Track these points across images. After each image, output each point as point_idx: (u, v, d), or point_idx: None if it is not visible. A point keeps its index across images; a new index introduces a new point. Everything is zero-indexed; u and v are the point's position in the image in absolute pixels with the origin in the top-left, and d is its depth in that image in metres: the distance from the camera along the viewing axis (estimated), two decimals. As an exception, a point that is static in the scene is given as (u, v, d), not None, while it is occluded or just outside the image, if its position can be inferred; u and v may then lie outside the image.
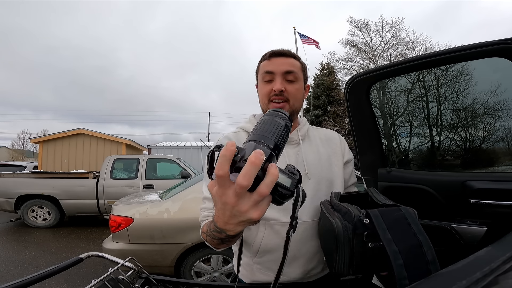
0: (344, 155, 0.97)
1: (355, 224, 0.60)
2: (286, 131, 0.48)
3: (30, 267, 3.53)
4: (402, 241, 0.56)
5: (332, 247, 0.62)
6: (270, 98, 0.85)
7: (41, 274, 0.73)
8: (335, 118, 15.85)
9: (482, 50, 0.80)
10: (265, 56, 0.89)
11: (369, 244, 0.59)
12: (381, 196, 0.79)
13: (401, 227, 0.58)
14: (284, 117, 0.50)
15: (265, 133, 0.45)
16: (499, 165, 1.05)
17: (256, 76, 0.95)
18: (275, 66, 0.86)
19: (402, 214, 0.61)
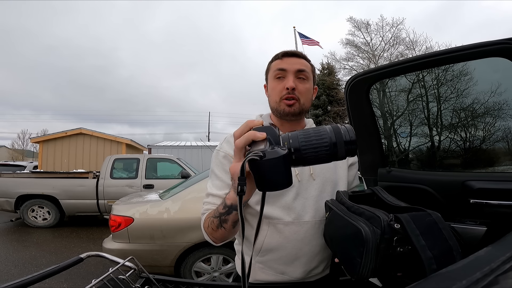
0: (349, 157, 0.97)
1: (384, 229, 0.59)
2: (326, 150, 0.45)
3: (30, 267, 3.53)
4: (435, 247, 0.56)
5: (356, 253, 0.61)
6: (282, 96, 0.86)
7: (41, 274, 0.73)
8: (335, 118, 15.86)
9: (482, 50, 0.80)
10: (278, 56, 0.90)
11: (398, 248, 0.59)
12: (390, 196, 0.79)
13: (433, 232, 0.59)
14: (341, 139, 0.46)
15: (301, 135, 0.47)
16: (499, 165, 1.05)
17: (265, 76, 0.96)
18: (288, 64, 0.87)
19: (433, 220, 0.61)
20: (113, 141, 10.53)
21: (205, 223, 0.79)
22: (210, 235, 0.77)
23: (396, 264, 0.61)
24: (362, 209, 0.67)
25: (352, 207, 0.71)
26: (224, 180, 0.86)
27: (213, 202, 0.85)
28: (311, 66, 0.91)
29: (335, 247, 0.75)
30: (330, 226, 0.77)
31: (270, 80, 0.91)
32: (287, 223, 0.84)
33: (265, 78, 0.96)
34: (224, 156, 0.88)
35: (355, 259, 0.61)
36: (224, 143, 0.90)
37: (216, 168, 0.88)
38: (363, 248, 0.59)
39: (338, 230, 0.71)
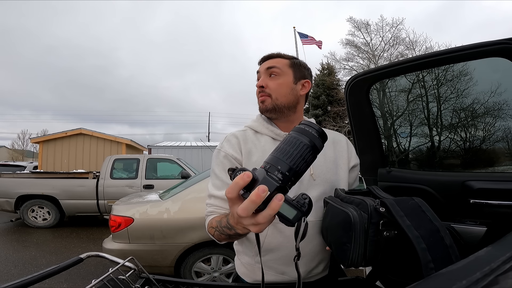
0: (350, 159, 0.97)
1: (371, 213, 0.60)
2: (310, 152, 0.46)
3: (30, 267, 3.53)
4: (421, 227, 0.58)
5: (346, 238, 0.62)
6: (258, 95, 0.91)
7: (41, 274, 0.73)
8: (335, 118, 15.86)
9: (482, 50, 0.80)
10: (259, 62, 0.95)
11: (385, 232, 0.60)
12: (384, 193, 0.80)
13: (417, 214, 0.60)
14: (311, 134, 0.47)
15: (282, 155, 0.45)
16: (499, 165, 1.05)
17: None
18: (261, 66, 0.93)
19: (416, 203, 0.62)
20: (113, 141, 10.53)
21: (210, 230, 0.80)
22: (217, 239, 0.79)
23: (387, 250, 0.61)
24: (354, 197, 0.69)
25: (345, 197, 0.73)
26: (224, 180, 0.86)
27: (215, 204, 0.85)
28: (288, 61, 0.92)
29: (329, 237, 0.75)
30: (326, 219, 0.78)
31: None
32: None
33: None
34: (224, 156, 0.88)
35: (345, 245, 0.62)
36: (225, 142, 0.91)
37: (217, 167, 0.89)
38: (352, 232, 0.60)
39: (331, 220, 0.72)
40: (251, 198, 0.41)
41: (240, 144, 0.89)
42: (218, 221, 0.74)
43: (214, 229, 0.76)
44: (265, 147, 0.88)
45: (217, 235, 0.75)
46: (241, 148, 0.88)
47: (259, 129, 0.92)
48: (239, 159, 0.87)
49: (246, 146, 0.88)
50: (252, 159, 0.86)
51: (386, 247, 0.61)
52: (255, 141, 0.90)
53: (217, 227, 0.74)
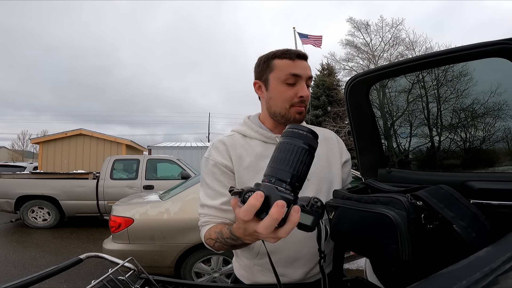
0: (342, 154, 0.97)
1: (408, 209, 0.58)
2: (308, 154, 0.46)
3: (30, 268, 3.53)
4: (464, 216, 0.57)
5: (388, 240, 0.59)
6: (293, 103, 0.82)
7: (41, 275, 0.73)
8: (335, 118, 15.86)
9: (482, 50, 0.80)
10: (289, 55, 0.82)
11: (428, 225, 0.59)
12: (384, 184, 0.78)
13: (453, 203, 0.59)
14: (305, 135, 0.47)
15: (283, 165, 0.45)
16: (499, 165, 1.05)
17: (262, 73, 0.86)
18: (302, 70, 0.81)
19: (447, 191, 0.61)
20: (113, 142, 10.53)
21: (208, 241, 0.78)
22: (217, 250, 0.78)
23: (430, 242, 0.60)
24: (375, 197, 0.66)
25: (361, 198, 0.69)
26: (216, 189, 0.83)
27: (209, 214, 0.83)
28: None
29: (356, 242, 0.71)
30: (343, 224, 0.73)
31: (276, 82, 0.83)
32: None
33: (260, 76, 0.87)
34: (214, 164, 0.85)
35: (389, 247, 0.58)
36: (213, 150, 0.87)
37: (207, 177, 0.85)
38: (395, 234, 0.57)
39: (356, 224, 0.68)
40: (273, 216, 0.42)
41: (228, 150, 0.86)
42: (218, 232, 0.72)
43: (214, 240, 0.74)
44: (256, 150, 0.86)
45: (218, 246, 0.74)
46: (230, 154, 0.85)
47: (248, 133, 0.89)
48: (229, 166, 0.84)
49: (236, 152, 0.85)
50: (243, 164, 0.84)
51: (431, 238, 0.60)
52: (245, 145, 0.87)
53: (218, 239, 0.71)
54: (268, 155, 0.87)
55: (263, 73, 0.86)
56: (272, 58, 0.84)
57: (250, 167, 0.84)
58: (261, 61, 0.87)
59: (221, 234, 0.70)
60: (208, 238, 0.79)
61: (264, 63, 0.85)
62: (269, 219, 0.42)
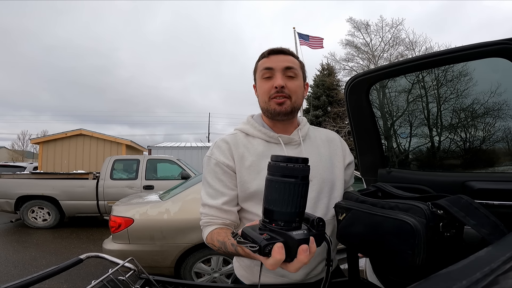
0: (345, 157, 0.96)
1: (428, 217, 0.60)
2: (302, 185, 0.48)
3: (30, 268, 3.53)
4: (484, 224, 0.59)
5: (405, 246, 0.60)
6: (271, 95, 0.84)
7: (41, 275, 0.73)
8: (335, 118, 15.86)
9: (482, 51, 0.80)
10: (264, 54, 0.89)
11: (445, 233, 0.61)
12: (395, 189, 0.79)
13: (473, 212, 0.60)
14: (291, 168, 0.48)
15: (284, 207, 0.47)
16: (499, 165, 1.05)
17: (254, 76, 0.94)
18: (275, 62, 0.85)
19: (467, 201, 0.62)
20: (113, 142, 10.53)
21: (211, 245, 0.81)
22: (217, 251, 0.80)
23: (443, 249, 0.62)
24: (393, 203, 0.67)
25: (378, 203, 0.70)
26: (217, 188, 0.84)
27: (210, 214, 0.84)
28: (299, 62, 0.90)
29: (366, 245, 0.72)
30: (356, 226, 0.73)
31: (258, 80, 0.89)
32: None
33: (254, 78, 0.94)
34: (215, 163, 0.85)
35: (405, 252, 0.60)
36: (215, 149, 0.87)
37: (209, 176, 0.86)
38: (414, 240, 0.58)
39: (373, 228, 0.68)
40: (303, 260, 0.47)
41: (231, 149, 0.86)
42: (222, 242, 0.74)
43: (217, 248, 0.78)
44: (258, 150, 0.86)
45: (222, 252, 0.77)
46: (233, 153, 0.85)
47: (251, 132, 0.89)
48: (231, 166, 0.84)
49: (238, 151, 0.86)
50: (245, 164, 0.84)
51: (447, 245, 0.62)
52: (247, 144, 0.87)
53: (221, 249, 0.75)
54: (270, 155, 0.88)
55: (254, 76, 0.94)
56: (257, 62, 0.92)
57: (252, 166, 0.84)
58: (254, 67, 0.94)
59: (224, 246, 0.73)
60: (210, 243, 0.81)
61: (254, 67, 0.94)
62: (298, 262, 0.47)
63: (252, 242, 0.47)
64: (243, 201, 0.85)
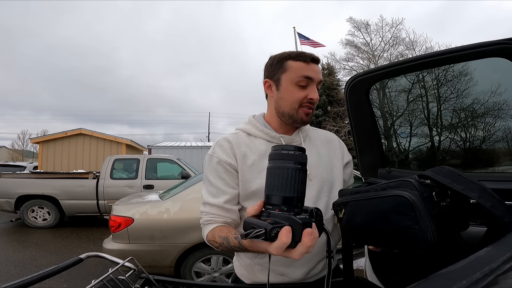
0: (343, 156, 0.97)
1: (419, 188, 0.59)
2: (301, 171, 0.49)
3: (30, 267, 3.53)
4: (472, 189, 0.59)
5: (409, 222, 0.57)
6: (302, 104, 0.83)
7: (41, 274, 0.73)
8: (335, 118, 15.86)
9: (482, 50, 0.80)
10: (304, 58, 0.82)
11: (442, 203, 0.60)
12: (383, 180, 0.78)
13: (458, 178, 0.61)
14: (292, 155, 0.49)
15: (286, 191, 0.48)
16: (499, 165, 1.05)
17: (274, 72, 0.86)
18: (315, 73, 0.83)
19: (449, 169, 0.63)
20: (113, 141, 10.53)
21: (213, 243, 0.80)
22: (217, 249, 0.79)
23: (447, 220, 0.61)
24: (384, 184, 0.66)
25: (371, 188, 0.69)
26: (219, 187, 0.84)
27: (212, 212, 0.84)
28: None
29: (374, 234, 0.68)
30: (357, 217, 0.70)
31: (288, 83, 0.83)
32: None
33: (272, 75, 0.87)
34: (217, 162, 0.85)
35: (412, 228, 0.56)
36: (217, 147, 0.87)
37: (210, 174, 0.86)
38: (414, 213, 0.56)
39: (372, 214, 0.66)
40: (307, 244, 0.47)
41: (233, 148, 0.86)
42: (224, 238, 0.74)
43: (218, 244, 0.76)
44: (260, 149, 0.86)
45: (222, 249, 0.76)
46: (235, 152, 0.85)
47: (253, 132, 0.89)
48: (233, 164, 0.84)
49: (240, 150, 0.86)
50: (247, 163, 0.84)
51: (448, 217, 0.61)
52: (249, 143, 0.87)
53: (223, 244, 0.74)
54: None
55: (275, 73, 0.86)
56: (286, 59, 0.84)
57: (254, 165, 0.84)
58: (273, 60, 0.87)
59: (227, 241, 0.72)
60: (212, 240, 0.80)
61: (277, 63, 0.85)
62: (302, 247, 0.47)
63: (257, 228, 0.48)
64: (244, 200, 0.85)
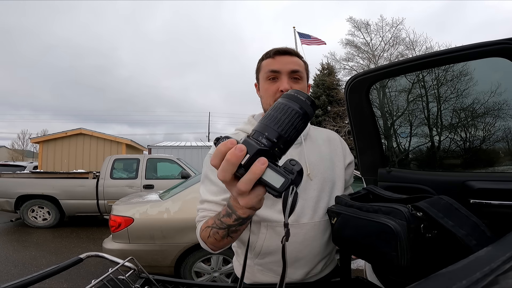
0: (345, 156, 0.97)
1: (408, 219, 0.62)
2: (300, 119, 0.42)
3: (30, 267, 3.53)
4: (463, 225, 0.60)
5: (388, 248, 0.62)
6: (276, 98, 0.83)
7: (41, 274, 0.73)
8: (335, 118, 15.85)
9: (482, 50, 0.80)
10: (269, 54, 0.86)
11: (427, 234, 0.62)
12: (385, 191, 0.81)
13: (453, 212, 0.62)
14: (302, 100, 0.43)
15: (270, 122, 0.41)
16: (499, 165, 1.05)
17: (256, 74, 0.93)
18: (281, 64, 0.83)
19: (447, 202, 0.64)
20: (113, 141, 10.53)
21: (203, 233, 0.72)
22: (211, 245, 0.72)
23: (428, 249, 0.63)
24: (376, 206, 0.69)
25: (363, 206, 0.72)
26: (220, 185, 0.81)
27: (209, 209, 0.81)
28: (304, 63, 0.88)
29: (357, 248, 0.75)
30: (346, 230, 0.76)
31: (262, 81, 0.87)
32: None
33: (256, 77, 0.93)
34: None
35: (390, 254, 0.62)
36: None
37: (211, 173, 0.84)
38: (396, 242, 0.60)
39: (359, 231, 0.71)
40: (226, 157, 0.38)
41: None
42: (216, 215, 0.68)
43: (210, 228, 0.68)
44: None
45: (213, 234, 0.67)
46: None
47: None
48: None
49: None
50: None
51: (430, 246, 0.63)
52: None
53: (214, 223, 0.66)
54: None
55: (257, 75, 0.92)
56: (261, 60, 0.90)
57: None
58: (257, 65, 0.92)
59: (217, 216, 0.65)
60: (205, 227, 0.72)
61: (257, 66, 0.92)
62: (224, 161, 0.39)
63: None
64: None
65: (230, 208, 0.56)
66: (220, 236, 0.65)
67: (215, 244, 0.70)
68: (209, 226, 0.69)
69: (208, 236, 0.69)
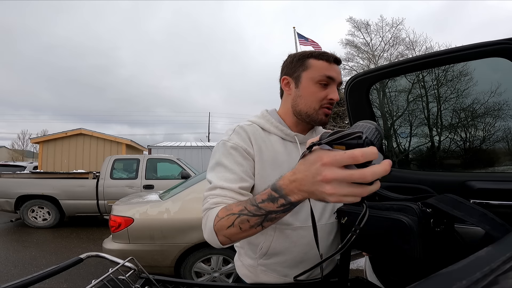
0: None
1: (419, 215, 0.67)
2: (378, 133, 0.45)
3: (30, 267, 3.53)
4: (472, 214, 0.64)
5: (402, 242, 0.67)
6: (323, 104, 0.82)
7: (41, 275, 0.73)
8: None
9: (482, 50, 0.80)
10: (327, 58, 0.82)
11: (436, 228, 0.68)
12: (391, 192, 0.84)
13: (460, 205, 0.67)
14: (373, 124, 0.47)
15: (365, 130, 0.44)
16: (499, 165, 1.05)
17: (293, 69, 0.85)
18: (337, 73, 0.82)
19: (451, 197, 0.69)
20: (113, 141, 10.53)
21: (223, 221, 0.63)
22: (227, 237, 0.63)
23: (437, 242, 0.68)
24: (388, 204, 0.74)
25: (375, 205, 0.75)
26: (237, 172, 0.75)
27: (223, 195, 0.71)
28: None
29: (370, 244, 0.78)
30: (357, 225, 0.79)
31: (309, 81, 0.82)
32: (295, 228, 0.83)
33: (291, 72, 0.86)
34: (232, 146, 0.78)
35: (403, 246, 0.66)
36: (234, 134, 0.82)
37: (226, 159, 0.77)
38: (409, 236, 0.65)
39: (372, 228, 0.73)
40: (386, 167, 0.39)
41: (250, 137, 0.81)
42: (245, 201, 0.61)
43: (236, 215, 0.60)
44: (274, 146, 0.83)
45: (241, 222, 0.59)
46: (252, 141, 0.81)
47: (267, 127, 0.86)
48: (251, 153, 0.80)
49: (257, 142, 0.82)
50: (263, 157, 0.81)
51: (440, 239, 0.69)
52: (265, 138, 0.84)
53: (244, 209, 0.58)
54: (286, 153, 0.86)
55: (296, 70, 0.85)
56: (308, 57, 0.83)
57: (269, 161, 0.81)
58: (294, 58, 0.86)
59: (250, 201, 0.58)
60: (226, 215, 0.63)
61: (298, 60, 0.84)
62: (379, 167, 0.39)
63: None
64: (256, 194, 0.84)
65: (277, 192, 0.51)
66: (249, 225, 0.58)
67: (236, 235, 0.62)
68: (235, 213, 0.60)
69: (230, 225, 0.61)
